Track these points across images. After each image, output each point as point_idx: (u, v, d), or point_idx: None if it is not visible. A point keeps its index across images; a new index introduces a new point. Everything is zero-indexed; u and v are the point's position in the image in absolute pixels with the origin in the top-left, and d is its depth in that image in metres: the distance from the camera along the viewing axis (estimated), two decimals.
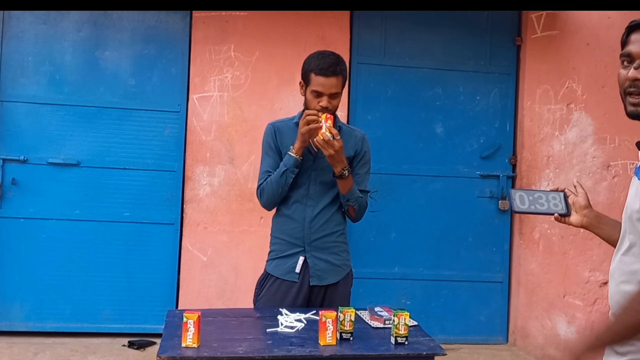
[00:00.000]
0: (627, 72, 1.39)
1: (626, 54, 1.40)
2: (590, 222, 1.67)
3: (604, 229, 1.66)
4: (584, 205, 1.69)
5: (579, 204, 1.70)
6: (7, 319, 3.96)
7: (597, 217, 1.68)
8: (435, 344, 2.03)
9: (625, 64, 1.41)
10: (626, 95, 1.40)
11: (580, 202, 1.70)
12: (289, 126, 2.49)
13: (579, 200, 1.70)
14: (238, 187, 4.08)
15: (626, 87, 1.39)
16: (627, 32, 1.42)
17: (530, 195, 1.70)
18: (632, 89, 1.38)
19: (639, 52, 1.38)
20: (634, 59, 1.39)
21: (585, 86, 4.18)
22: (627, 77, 1.39)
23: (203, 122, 4.08)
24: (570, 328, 4.05)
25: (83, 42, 4.05)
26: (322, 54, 2.39)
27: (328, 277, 2.45)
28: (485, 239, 4.34)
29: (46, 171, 3.99)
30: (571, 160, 4.19)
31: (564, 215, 1.69)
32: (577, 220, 1.68)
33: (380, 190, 4.25)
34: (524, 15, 4.34)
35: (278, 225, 2.51)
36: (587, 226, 1.68)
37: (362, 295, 4.08)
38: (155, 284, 4.08)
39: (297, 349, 1.90)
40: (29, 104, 3.99)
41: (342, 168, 2.34)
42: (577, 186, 1.74)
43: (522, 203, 1.69)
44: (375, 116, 4.28)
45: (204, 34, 4.08)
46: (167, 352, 1.82)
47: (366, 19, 4.25)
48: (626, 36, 1.42)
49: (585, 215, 1.68)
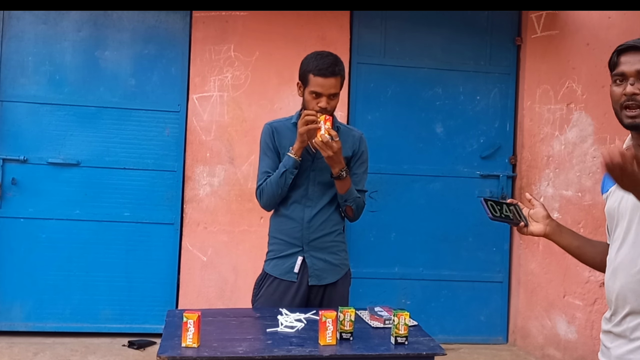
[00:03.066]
0: (622, 89, 1.50)
1: (619, 74, 1.52)
2: (553, 230, 1.74)
3: (565, 237, 1.74)
4: (545, 215, 1.75)
5: (540, 214, 1.75)
6: (7, 319, 3.97)
7: (558, 226, 1.75)
8: (435, 343, 2.03)
9: (618, 82, 1.53)
10: (622, 109, 1.51)
11: (541, 212, 1.76)
12: (287, 126, 2.49)
13: (538, 211, 1.76)
14: (238, 187, 4.08)
15: (623, 102, 1.50)
16: (616, 55, 1.54)
17: (498, 205, 1.74)
18: (630, 102, 1.48)
19: (632, 71, 1.49)
20: (627, 78, 1.50)
21: (585, 86, 4.18)
22: (623, 93, 1.49)
23: (203, 122, 4.08)
24: (570, 328, 4.05)
25: (83, 42, 4.05)
26: (320, 55, 2.39)
27: (327, 276, 2.45)
28: (485, 239, 4.34)
29: (46, 171, 3.99)
30: (571, 160, 4.19)
31: (525, 225, 1.75)
32: (539, 229, 1.74)
33: (380, 190, 4.25)
34: (524, 15, 4.34)
35: (276, 225, 2.51)
36: (549, 234, 1.74)
37: (362, 295, 4.08)
38: (155, 284, 4.08)
39: (297, 348, 1.90)
40: (29, 104, 3.99)
41: (340, 169, 2.34)
42: (531, 199, 1.80)
43: (494, 211, 1.73)
44: (375, 116, 4.28)
45: (204, 34, 4.08)
46: (167, 352, 1.82)
47: (366, 19, 4.25)
48: (616, 58, 1.54)
49: (548, 225, 1.74)
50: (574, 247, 1.73)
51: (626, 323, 1.49)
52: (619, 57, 1.54)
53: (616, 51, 1.55)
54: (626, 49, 1.52)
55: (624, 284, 1.48)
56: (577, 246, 1.73)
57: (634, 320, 1.47)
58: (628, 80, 1.50)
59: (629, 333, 1.48)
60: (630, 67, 1.50)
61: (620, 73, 1.52)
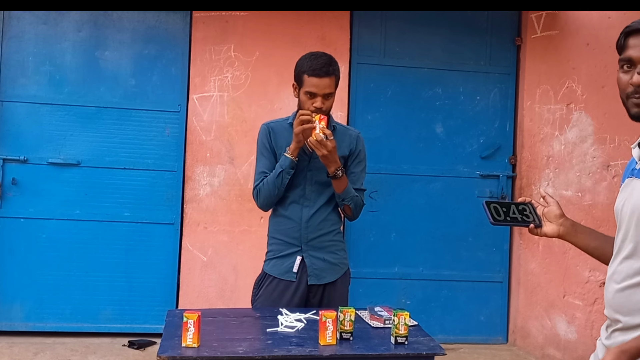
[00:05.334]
0: (630, 76, 1.37)
1: (626, 59, 1.38)
2: (567, 231, 1.60)
3: (581, 237, 1.60)
4: (559, 214, 1.62)
5: (553, 213, 1.62)
6: (7, 319, 3.97)
7: (573, 225, 1.61)
8: (435, 343, 2.04)
9: (625, 68, 1.39)
10: (629, 98, 1.38)
11: (555, 212, 1.62)
12: (284, 126, 2.50)
13: (552, 209, 1.63)
14: (238, 187, 4.08)
15: (630, 92, 1.37)
16: (624, 37, 1.40)
17: (503, 207, 1.61)
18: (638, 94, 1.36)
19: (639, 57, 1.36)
20: (634, 64, 1.37)
21: (585, 86, 4.18)
22: (631, 82, 1.36)
23: (203, 122, 4.08)
24: (570, 328, 4.05)
25: (83, 42, 4.05)
26: (314, 55, 2.40)
27: (326, 275, 2.46)
28: (485, 239, 4.34)
29: (46, 171, 3.99)
30: (571, 160, 4.19)
31: (537, 226, 1.61)
32: (553, 230, 1.61)
33: (380, 190, 4.25)
34: (524, 15, 4.34)
35: (275, 225, 2.52)
36: (563, 235, 1.61)
37: (362, 295, 4.09)
38: (155, 284, 4.08)
39: (297, 348, 1.90)
40: (29, 104, 3.99)
41: (336, 168, 2.35)
42: (545, 197, 1.67)
43: (498, 215, 1.60)
44: (375, 116, 4.28)
45: (204, 34, 4.08)
46: (167, 352, 1.82)
47: (366, 19, 4.25)
48: (623, 40, 1.40)
49: (562, 225, 1.60)
50: (592, 248, 1.57)
51: (614, 338, 1.40)
52: (627, 39, 1.39)
53: (623, 33, 1.40)
54: (634, 31, 1.38)
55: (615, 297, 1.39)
56: (595, 247, 1.56)
57: (620, 337, 1.37)
58: (636, 67, 1.36)
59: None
60: (639, 52, 1.36)
61: (627, 58, 1.38)
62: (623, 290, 1.37)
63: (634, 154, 1.47)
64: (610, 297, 1.40)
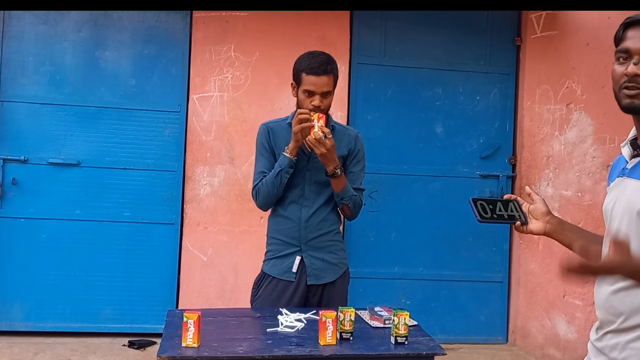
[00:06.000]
0: (625, 67, 1.34)
1: (623, 50, 1.36)
2: (554, 228, 1.57)
3: (568, 235, 1.56)
4: (545, 211, 1.59)
5: (539, 210, 1.59)
6: (7, 319, 3.97)
7: (559, 223, 1.58)
8: (435, 343, 2.04)
9: (621, 60, 1.36)
10: (621, 89, 1.35)
11: (541, 209, 1.59)
12: (283, 126, 2.51)
13: (538, 207, 1.60)
14: (238, 187, 4.08)
15: (623, 82, 1.34)
16: (622, 28, 1.38)
17: (490, 204, 1.59)
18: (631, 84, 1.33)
19: (637, 48, 1.33)
20: (631, 55, 1.34)
21: (585, 86, 4.18)
22: (625, 73, 1.34)
23: (203, 122, 4.08)
24: (570, 328, 4.06)
25: (83, 42, 4.05)
26: (312, 54, 2.41)
27: (325, 275, 2.46)
28: (485, 239, 4.34)
29: (46, 171, 3.99)
30: (571, 160, 4.19)
31: (523, 223, 1.59)
32: (539, 227, 1.58)
33: (380, 190, 4.25)
34: (523, 15, 4.34)
35: (274, 225, 2.52)
36: (550, 233, 1.57)
37: (362, 295, 4.09)
38: (156, 284, 4.08)
39: (297, 348, 1.90)
40: (29, 104, 3.99)
41: (335, 167, 2.35)
42: (531, 194, 1.65)
43: (485, 212, 1.58)
44: (375, 116, 4.28)
45: (204, 34, 4.08)
46: (167, 352, 1.82)
47: (366, 19, 4.25)
48: (622, 32, 1.38)
49: (548, 222, 1.57)
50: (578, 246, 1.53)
51: (606, 340, 1.38)
52: (626, 31, 1.37)
53: (623, 24, 1.38)
54: (634, 22, 1.36)
55: (607, 299, 1.37)
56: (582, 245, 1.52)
57: (613, 339, 1.36)
58: (632, 58, 1.33)
59: (608, 351, 1.37)
60: (637, 44, 1.33)
61: (624, 49, 1.35)
62: (617, 293, 1.35)
63: (623, 153, 1.45)
64: (603, 299, 1.39)
